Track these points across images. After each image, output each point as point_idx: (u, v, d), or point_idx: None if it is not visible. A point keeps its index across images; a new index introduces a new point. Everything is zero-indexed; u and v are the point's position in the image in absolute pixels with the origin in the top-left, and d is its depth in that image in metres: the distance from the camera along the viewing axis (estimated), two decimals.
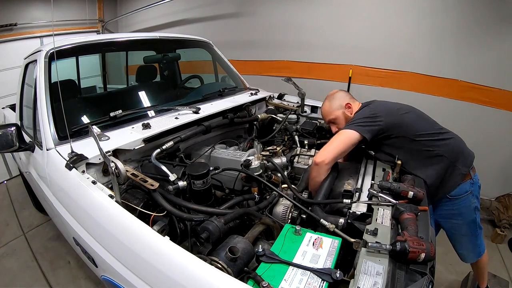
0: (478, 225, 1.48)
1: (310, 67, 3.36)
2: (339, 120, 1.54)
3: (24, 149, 1.47)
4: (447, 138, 1.39)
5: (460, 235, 1.52)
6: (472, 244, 1.53)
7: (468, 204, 1.43)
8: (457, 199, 1.42)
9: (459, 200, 1.42)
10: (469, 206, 1.43)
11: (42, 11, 3.97)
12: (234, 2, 3.70)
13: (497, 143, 2.57)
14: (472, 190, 1.41)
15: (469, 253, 1.56)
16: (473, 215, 1.45)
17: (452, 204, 1.44)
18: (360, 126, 1.33)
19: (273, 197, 1.28)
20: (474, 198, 1.43)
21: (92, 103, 2.17)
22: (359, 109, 1.48)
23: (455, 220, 1.48)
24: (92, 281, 2.04)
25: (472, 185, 1.41)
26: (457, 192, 1.41)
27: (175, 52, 2.64)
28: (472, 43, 2.47)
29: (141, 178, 1.11)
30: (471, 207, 1.43)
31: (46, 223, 2.68)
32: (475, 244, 1.53)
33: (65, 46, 1.68)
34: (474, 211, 1.45)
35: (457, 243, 1.55)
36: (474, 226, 1.48)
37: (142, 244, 0.87)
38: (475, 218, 1.46)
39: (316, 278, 0.80)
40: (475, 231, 1.49)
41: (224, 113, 1.80)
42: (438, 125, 1.45)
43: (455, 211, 1.45)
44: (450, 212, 1.46)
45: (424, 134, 1.36)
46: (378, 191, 1.17)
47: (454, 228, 1.50)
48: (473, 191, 1.42)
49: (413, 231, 0.94)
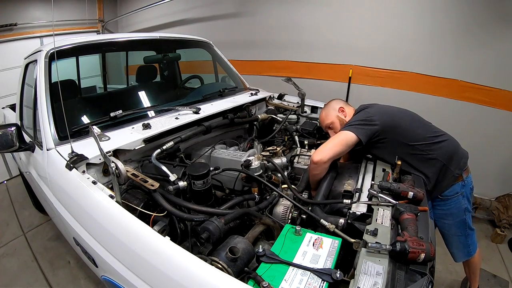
0: (468, 226, 1.51)
1: (310, 67, 3.36)
2: (335, 124, 1.58)
3: (24, 149, 1.47)
4: (441, 141, 1.41)
5: (450, 235, 1.55)
6: (461, 244, 1.55)
7: (458, 205, 1.45)
8: (448, 200, 1.45)
9: (450, 200, 1.45)
10: (459, 207, 1.46)
11: (42, 11, 3.97)
12: (234, 2, 3.70)
13: (497, 143, 2.57)
14: (463, 191, 1.44)
15: (458, 252, 1.59)
16: (463, 215, 1.47)
17: (444, 204, 1.47)
18: (356, 128, 1.36)
19: (273, 197, 1.28)
20: (464, 199, 1.45)
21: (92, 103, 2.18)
22: (356, 112, 1.51)
23: (446, 220, 1.51)
24: (92, 281, 2.04)
25: (463, 187, 1.43)
26: (448, 192, 1.44)
27: (175, 52, 2.64)
28: (472, 43, 2.47)
29: (141, 178, 1.11)
30: (461, 208, 1.46)
31: (46, 223, 2.69)
32: (465, 244, 1.55)
33: (65, 46, 1.68)
34: (464, 212, 1.47)
35: (448, 242, 1.59)
36: (463, 227, 1.50)
37: (143, 244, 0.87)
38: (465, 219, 1.48)
39: (316, 278, 0.80)
40: (464, 231, 1.51)
41: (224, 113, 1.80)
42: (433, 128, 1.47)
43: (446, 211, 1.48)
44: (441, 212, 1.50)
45: (420, 138, 1.38)
46: (378, 191, 1.18)
47: (445, 227, 1.54)
48: (464, 193, 1.44)
49: (413, 231, 0.94)
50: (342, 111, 1.59)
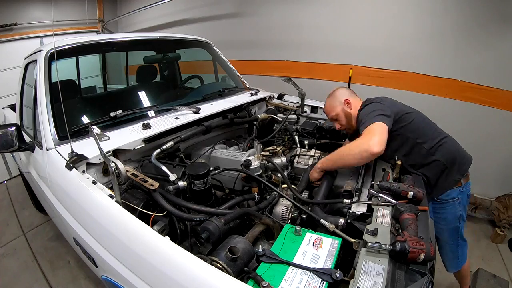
0: (460, 236, 1.47)
1: (310, 67, 3.36)
2: (340, 117, 1.53)
3: (24, 149, 1.47)
4: (443, 142, 1.38)
5: (443, 241, 1.51)
6: (452, 253, 1.52)
7: (453, 211, 1.42)
8: (444, 204, 1.42)
9: (445, 204, 1.42)
10: (454, 213, 1.43)
11: (42, 11, 3.97)
12: (234, 2, 3.70)
13: (497, 143, 2.57)
14: (460, 198, 1.41)
15: (448, 261, 1.56)
16: (456, 223, 1.44)
17: (439, 208, 1.44)
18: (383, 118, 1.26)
19: (273, 197, 1.28)
20: (460, 206, 1.42)
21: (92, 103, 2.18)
22: (365, 105, 1.41)
23: (439, 224, 1.47)
24: (92, 281, 2.04)
25: (461, 193, 1.41)
26: (445, 196, 1.41)
27: (175, 52, 2.64)
28: (472, 43, 2.47)
29: (141, 178, 1.11)
30: (456, 215, 1.43)
31: (46, 223, 2.69)
32: (455, 254, 1.52)
33: (65, 46, 1.68)
34: (458, 220, 1.44)
35: (440, 248, 1.55)
36: (455, 235, 1.47)
37: (142, 244, 0.87)
38: (458, 227, 1.45)
39: (316, 278, 0.80)
40: (456, 241, 1.48)
41: (224, 113, 1.80)
42: (438, 129, 1.45)
43: (440, 215, 1.45)
44: (436, 215, 1.46)
45: (427, 138, 1.36)
46: (378, 191, 1.18)
47: (438, 232, 1.48)
48: (460, 199, 1.41)
49: (413, 231, 0.94)
50: (347, 104, 1.51)
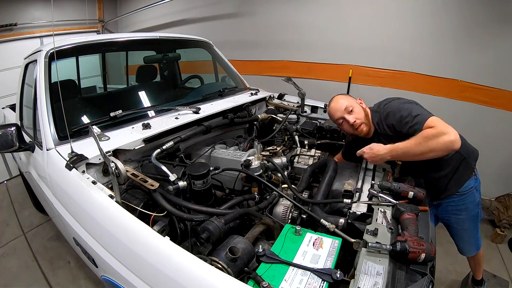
0: (479, 219, 1.53)
1: (310, 67, 3.36)
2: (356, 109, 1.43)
3: (24, 149, 1.47)
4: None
5: (462, 230, 1.55)
6: (473, 238, 1.57)
7: (473, 199, 1.46)
8: (464, 195, 1.45)
9: (466, 195, 1.45)
10: (473, 201, 1.47)
11: (42, 11, 3.97)
12: (234, 2, 3.70)
13: (497, 143, 2.56)
14: (476, 185, 1.45)
15: (470, 247, 1.60)
16: (476, 209, 1.49)
17: (459, 200, 1.46)
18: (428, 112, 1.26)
19: (273, 197, 1.28)
20: (478, 193, 1.47)
21: (92, 103, 2.17)
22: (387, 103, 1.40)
23: (459, 215, 1.50)
24: (92, 281, 2.03)
25: (476, 181, 1.45)
26: (464, 188, 1.44)
27: (175, 52, 2.64)
28: (472, 43, 2.47)
29: (141, 178, 1.11)
30: (476, 202, 1.47)
31: (46, 223, 2.68)
32: (476, 237, 1.58)
33: (65, 46, 1.68)
34: (478, 206, 1.49)
35: (458, 238, 1.59)
36: (476, 220, 1.52)
37: (142, 244, 0.87)
38: (478, 212, 1.50)
39: (316, 278, 0.80)
40: (476, 224, 1.54)
41: (224, 113, 1.80)
42: None
43: (461, 206, 1.48)
44: (456, 208, 1.49)
45: None
46: (378, 191, 1.18)
47: (458, 223, 1.53)
48: (477, 187, 1.46)
49: (413, 231, 0.94)
50: (361, 103, 1.48)
